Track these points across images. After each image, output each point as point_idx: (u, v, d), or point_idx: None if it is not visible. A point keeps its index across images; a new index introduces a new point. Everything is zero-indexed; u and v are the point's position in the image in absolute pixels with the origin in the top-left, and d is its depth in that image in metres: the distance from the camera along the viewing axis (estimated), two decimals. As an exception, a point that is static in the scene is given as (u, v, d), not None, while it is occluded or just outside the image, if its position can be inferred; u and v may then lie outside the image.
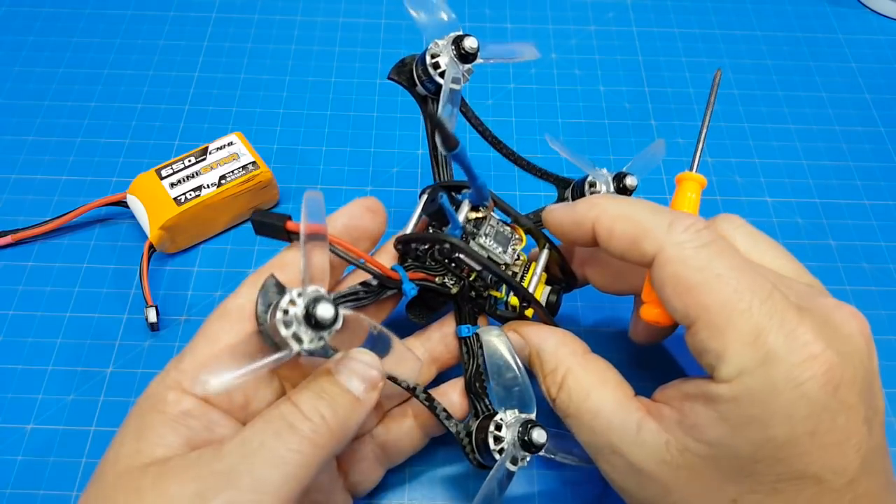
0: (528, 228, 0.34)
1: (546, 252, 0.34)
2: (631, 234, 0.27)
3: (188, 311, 0.40)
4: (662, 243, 0.26)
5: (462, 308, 0.33)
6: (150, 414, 0.26)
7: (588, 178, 0.36)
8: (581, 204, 0.29)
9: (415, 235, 0.32)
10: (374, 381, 0.27)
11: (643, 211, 0.27)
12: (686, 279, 0.25)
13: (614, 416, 0.27)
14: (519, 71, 0.53)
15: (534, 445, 0.28)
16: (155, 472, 0.24)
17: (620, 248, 0.27)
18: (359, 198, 0.32)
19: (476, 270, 0.32)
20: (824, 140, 0.50)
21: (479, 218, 0.33)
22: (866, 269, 0.43)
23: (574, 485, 0.35)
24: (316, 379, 0.26)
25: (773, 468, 0.24)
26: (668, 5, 0.58)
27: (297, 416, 0.24)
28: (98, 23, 0.54)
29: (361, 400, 0.26)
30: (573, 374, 0.29)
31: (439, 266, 0.32)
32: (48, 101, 0.49)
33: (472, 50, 0.31)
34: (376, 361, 0.27)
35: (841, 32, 0.56)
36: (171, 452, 0.25)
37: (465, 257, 0.31)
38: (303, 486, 0.24)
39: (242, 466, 0.23)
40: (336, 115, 0.49)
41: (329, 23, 0.55)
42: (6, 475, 0.34)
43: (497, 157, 0.37)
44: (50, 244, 0.42)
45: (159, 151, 0.47)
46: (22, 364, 0.38)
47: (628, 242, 0.27)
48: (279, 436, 0.24)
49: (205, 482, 0.23)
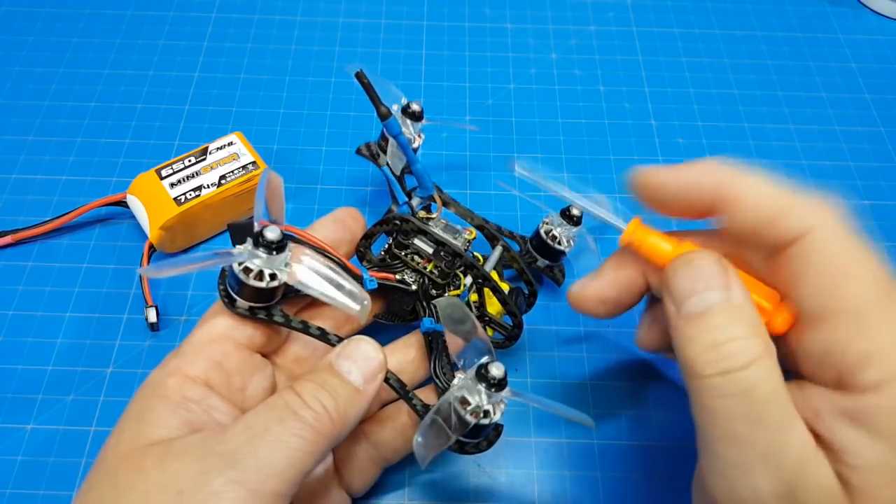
0: (478, 225, 0.36)
1: (499, 249, 0.35)
2: (773, 206, 0.23)
3: (188, 311, 0.40)
4: (813, 222, 0.23)
5: (424, 306, 0.34)
6: (151, 399, 0.26)
7: (538, 225, 0.38)
8: (698, 166, 0.25)
9: (372, 227, 0.35)
10: (373, 373, 0.27)
11: (783, 183, 0.24)
12: (840, 266, 0.22)
13: (801, 429, 0.22)
14: (519, 71, 0.53)
15: (493, 378, 0.27)
16: (158, 452, 0.24)
17: (754, 221, 0.24)
18: (342, 207, 0.35)
19: (428, 255, 0.34)
20: (824, 140, 0.50)
21: (429, 218, 0.36)
22: (866, 269, 0.43)
23: (574, 485, 0.35)
24: (318, 370, 0.27)
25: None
26: (668, 5, 0.58)
27: (299, 404, 0.25)
28: (98, 23, 0.54)
29: (361, 391, 0.27)
30: (773, 357, 0.23)
31: (398, 262, 0.34)
32: (48, 101, 0.49)
33: (418, 111, 0.38)
34: (377, 353, 0.28)
35: (841, 32, 0.56)
36: (171, 434, 0.25)
37: (417, 241, 0.34)
38: (304, 471, 0.25)
39: (247, 448, 0.24)
40: (336, 115, 0.49)
41: (329, 23, 0.55)
42: (6, 475, 0.34)
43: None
44: (50, 244, 0.42)
45: (159, 151, 0.47)
46: (22, 364, 0.38)
47: (768, 216, 0.23)
48: (283, 421, 0.25)
49: (208, 462, 0.23)
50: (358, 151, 0.40)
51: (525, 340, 0.36)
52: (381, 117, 0.34)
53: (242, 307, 0.29)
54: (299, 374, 0.32)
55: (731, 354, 0.22)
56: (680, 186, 0.26)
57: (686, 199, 0.25)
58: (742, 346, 0.22)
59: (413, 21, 0.55)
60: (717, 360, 0.22)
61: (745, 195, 0.24)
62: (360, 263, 0.35)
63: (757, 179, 0.24)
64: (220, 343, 0.29)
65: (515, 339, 0.36)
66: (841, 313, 0.22)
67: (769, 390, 0.22)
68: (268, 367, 0.31)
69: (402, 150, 0.35)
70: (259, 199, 0.28)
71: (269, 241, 0.27)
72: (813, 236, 0.23)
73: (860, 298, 0.22)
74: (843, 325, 0.22)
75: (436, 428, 0.27)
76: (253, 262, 0.27)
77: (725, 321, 0.23)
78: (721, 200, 0.24)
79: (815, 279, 0.22)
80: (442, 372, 0.32)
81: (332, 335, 0.30)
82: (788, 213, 0.23)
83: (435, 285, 0.34)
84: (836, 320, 0.22)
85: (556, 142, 0.49)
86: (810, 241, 0.23)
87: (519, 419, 0.37)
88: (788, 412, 0.22)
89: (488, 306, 0.35)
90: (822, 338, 0.22)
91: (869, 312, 0.21)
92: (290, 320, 0.29)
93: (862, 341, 0.21)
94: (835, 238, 0.22)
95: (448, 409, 0.27)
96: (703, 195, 0.25)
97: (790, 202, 0.23)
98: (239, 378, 0.29)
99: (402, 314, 0.36)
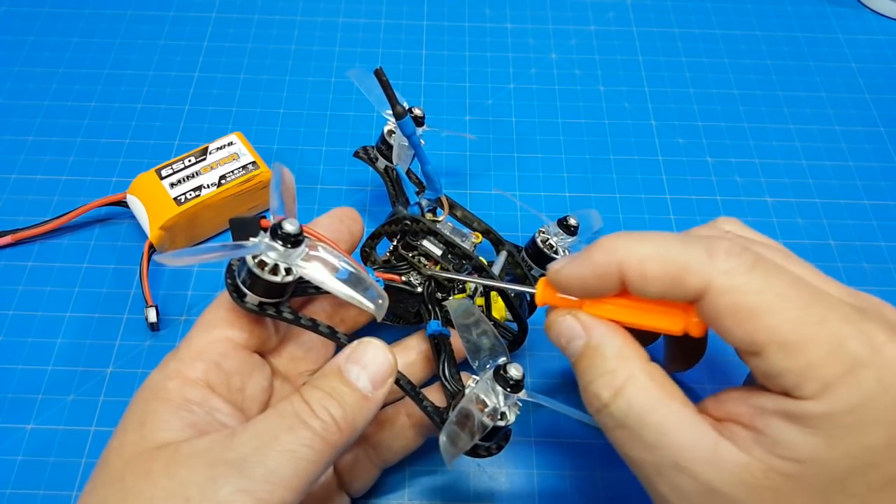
0: (484, 230, 0.36)
1: (504, 254, 0.35)
2: (669, 272, 0.25)
3: (188, 311, 0.40)
4: (709, 276, 0.24)
5: (430, 309, 0.34)
6: (153, 402, 0.26)
7: (534, 234, 0.38)
8: (597, 251, 0.26)
9: (381, 227, 0.35)
10: (384, 377, 0.27)
11: (673, 244, 0.25)
12: (747, 306, 0.23)
13: (685, 432, 0.24)
14: (519, 71, 0.53)
15: (512, 378, 0.27)
16: (165, 457, 0.24)
17: (659, 289, 0.25)
18: (339, 207, 0.34)
19: (437, 257, 0.34)
20: (824, 140, 0.50)
21: (435, 221, 0.36)
22: (866, 269, 0.43)
23: (574, 485, 0.35)
24: (327, 375, 0.27)
25: (866, 477, 0.23)
26: (668, 5, 0.58)
27: (308, 413, 0.25)
28: (98, 23, 0.54)
29: (370, 398, 0.26)
30: (637, 381, 0.25)
31: (403, 263, 0.34)
32: (48, 101, 0.49)
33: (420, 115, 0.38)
34: (387, 356, 0.27)
35: (841, 32, 0.56)
36: (175, 437, 0.25)
37: (426, 242, 0.34)
38: (311, 480, 0.25)
39: (255, 458, 0.24)
40: (336, 115, 0.49)
41: (329, 23, 0.55)
42: (6, 475, 0.34)
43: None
44: (50, 244, 0.42)
45: (159, 151, 0.47)
46: (22, 364, 0.38)
47: (668, 282, 0.25)
48: (292, 430, 0.25)
49: (216, 470, 0.23)
50: (356, 154, 0.41)
51: (525, 340, 0.36)
52: (397, 116, 0.34)
53: (252, 302, 0.28)
54: (295, 374, 0.32)
55: (595, 394, 0.26)
56: (590, 275, 0.27)
57: (599, 285, 0.27)
58: (603, 384, 0.26)
59: (413, 21, 0.55)
60: (590, 402, 0.26)
61: (641, 268, 0.25)
62: (364, 264, 0.35)
63: (647, 250, 0.25)
64: (219, 344, 0.28)
65: (520, 345, 0.36)
66: (767, 347, 0.23)
67: (636, 414, 0.25)
68: (265, 366, 0.31)
69: (416, 151, 0.35)
70: (274, 193, 0.28)
71: (287, 234, 0.26)
72: (713, 288, 0.24)
73: (777, 331, 0.23)
74: (773, 356, 0.23)
75: (459, 430, 0.27)
76: (269, 255, 0.26)
77: (587, 362, 0.26)
78: (625, 279, 0.26)
79: (731, 324, 0.24)
80: (450, 375, 0.32)
81: (341, 334, 0.29)
82: (685, 277, 0.24)
83: (441, 288, 0.34)
84: (766, 353, 0.23)
85: (556, 142, 0.49)
86: (714, 292, 0.24)
87: (519, 419, 0.36)
88: (669, 422, 0.24)
89: (493, 310, 0.35)
90: (763, 365, 0.24)
91: (790, 337, 0.23)
92: (299, 317, 0.29)
93: (794, 363, 0.23)
94: (734, 285, 0.24)
95: (468, 413, 0.27)
96: (611, 279, 0.26)
97: (682, 264, 0.24)
98: (238, 378, 0.29)
99: (406, 316, 0.35)
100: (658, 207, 0.45)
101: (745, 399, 0.25)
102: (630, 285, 0.26)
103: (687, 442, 0.24)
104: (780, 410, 0.23)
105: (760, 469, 0.23)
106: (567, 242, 0.37)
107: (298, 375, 0.32)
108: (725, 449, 0.24)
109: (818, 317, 0.23)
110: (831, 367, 0.22)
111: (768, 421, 0.24)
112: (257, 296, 0.27)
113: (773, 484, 0.23)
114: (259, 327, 0.30)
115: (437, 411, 0.30)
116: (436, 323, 0.33)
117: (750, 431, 0.24)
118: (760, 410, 0.24)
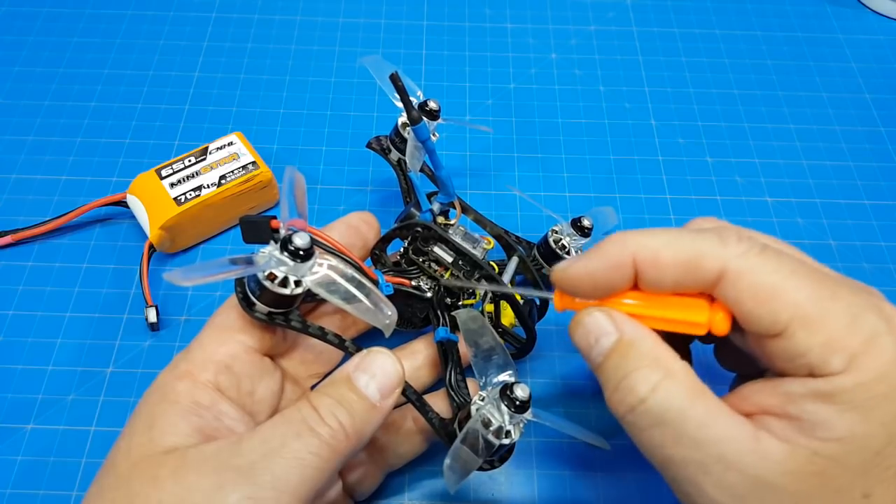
0: (496, 234, 0.35)
1: (515, 260, 0.35)
2: (683, 260, 0.25)
3: (188, 311, 0.40)
4: (725, 259, 0.24)
5: (439, 315, 0.34)
6: (161, 404, 0.26)
7: (546, 233, 0.38)
8: (608, 245, 0.26)
9: (392, 230, 0.34)
10: (392, 387, 0.27)
11: (683, 235, 0.25)
12: (767, 285, 0.24)
13: (727, 426, 0.24)
14: (519, 71, 0.53)
15: (518, 399, 0.27)
16: (173, 462, 0.24)
17: (674, 277, 0.25)
18: (356, 211, 0.34)
19: (447, 263, 0.33)
20: (824, 140, 0.50)
21: (448, 224, 0.35)
22: (866, 269, 0.43)
23: (574, 486, 0.35)
24: (335, 383, 0.27)
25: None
26: (668, 5, 0.58)
27: (316, 420, 0.25)
28: (98, 23, 0.54)
29: (378, 406, 0.27)
30: (676, 375, 0.25)
31: (413, 267, 0.34)
32: (48, 101, 0.49)
33: (436, 109, 0.37)
34: (395, 367, 0.27)
35: (841, 32, 0.56)
36: (183, 441, 0.25)
37: (437, 248, 0.33)
38: (318, 487, 0.25)
39: (262, 464, 0.24)
40: (336, 115, 0.49)
41: (329, 23, 0.55)
42: (6, 475, 0.34)
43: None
44: (50, 244, 0.42)
45: (159, 151, 0.47)
46: (22, 364, 0.38)
47: (683, 270, 0.25)
48: (300, 437, 0.25)
49: (224, 476, 0.23)
50: (368, 145, 0.40)
51: (533, 349, 0.36)
52: (412, 122, 0.33)
53: (261, 312, 0.28)
54: (305, 377, 0.32)
55: (630, 389, 0.25)
56: (603, 269, 0.26)
57: (612, 279, 0.26)
58: (638, 378, 0.25)
59: (413, 21, 0.55)
60: (623, 399, 0.25)
61: (655, 258, 0.25)
62: (374, 267, 0.35)
63: (660, 240, 0.25)
64: (230, 347, 0.28)
65: (528, 352, 0.36)
66: (789, 326, 0.23)
67: (678, 409, 0.24)
68: (276, 370, 0.30)
69: (430, 156, 0.35)
70: (286, 198, 0.28)
71: (297, 248, 0.26)
72: (730, 272, 0.24)
73: (799, 306, 0.23)
74: (796, 335, 0.23)
75: (464, 454, 0.27)
76: (279, 269, 0.26)
77: (619, 359, 0.25)
78: (639, 270, 0.25)
79: (751, 307, 0.24)
80: (457, 384, 0.31)
81: (349, 343, 0.29)
82: (700, 262, 0.24)
83: (450, 293, 0.34)
84: (788, 332, 0.23)
85: (556, 142, 0.49)
86: (731, 277, 0.24)
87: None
88: (711, 416, 0.24)
89: (502, 317, 0.35)
90: (784, 347, 0.24)
91: (811, 312, 0.23)
92: (307, 326, 0.29)
93: (818, 339, 0.23)
94: (750, 267, 0.24)
95: (476, 435, 0.27)
96: (625, 271, 0.26)
97: (696, 251, 0.25)
98: (248, 382, 0.28)
99: (414, 321, 0.35)
100: (658, 207, 0.45)
101: (771, 389, 0.25)
102: (644, 276, 0.25)
103: (730, 435, 0.24)
104: (811, 392, 0.23)
105: (804, 455, 0.23)
106: (580, 243, 0.37)
107: (308, 378, 0.32)
108: (766, 440, 0.24)
109: (830, 291, 0.23)
110: (853, 338, 0.23)
111: (802, 405, 0.23)
112: (266, 306, 0.27)
113: (817, 468, 0.23)
114: (270, 331, 0.30)
115: (442, 424, 0.30)
116: (444, 329, 0.33)
117: (784, 420, 0.24)
118: (791, 397, 0.24)
